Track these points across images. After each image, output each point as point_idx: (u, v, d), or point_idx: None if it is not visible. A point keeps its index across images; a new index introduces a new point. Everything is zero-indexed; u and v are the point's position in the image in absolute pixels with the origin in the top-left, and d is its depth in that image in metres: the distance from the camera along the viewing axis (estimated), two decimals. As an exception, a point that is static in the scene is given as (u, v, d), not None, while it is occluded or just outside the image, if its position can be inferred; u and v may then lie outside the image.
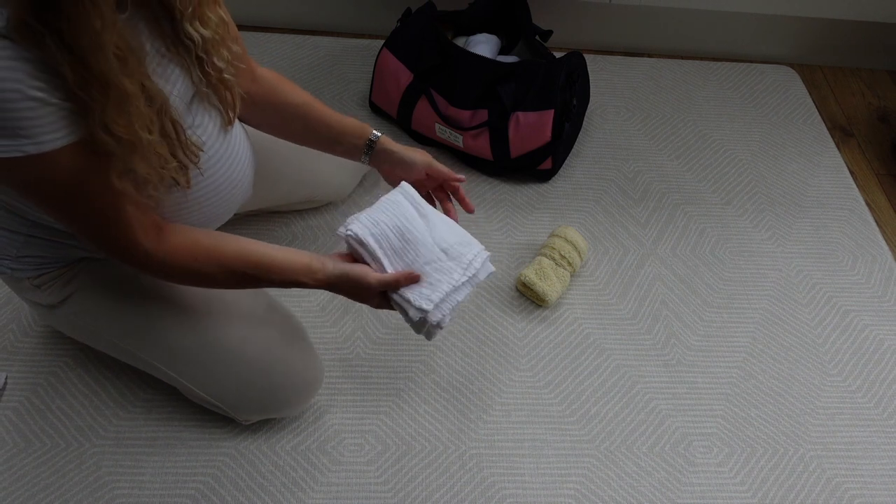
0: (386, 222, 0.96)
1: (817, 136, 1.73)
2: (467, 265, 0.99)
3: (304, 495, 1.09)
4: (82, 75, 0.66)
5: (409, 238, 0.97)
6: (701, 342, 1.33)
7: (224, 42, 0.87)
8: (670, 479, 1.16)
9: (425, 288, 0.96)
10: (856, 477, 1.19)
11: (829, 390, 1.28)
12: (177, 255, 0.87)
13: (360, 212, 0.98)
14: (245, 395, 1.06)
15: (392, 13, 1.64)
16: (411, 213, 0.98)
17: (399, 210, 0.98)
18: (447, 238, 1.00)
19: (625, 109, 1.73)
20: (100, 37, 0.65)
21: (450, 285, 0.96)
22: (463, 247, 1.00)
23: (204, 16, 0.83)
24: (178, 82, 0.83)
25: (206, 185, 0.92)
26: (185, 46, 0.83)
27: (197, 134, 0.87)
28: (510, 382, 1.24)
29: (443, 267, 0.98)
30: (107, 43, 0.66)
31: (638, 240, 1.47)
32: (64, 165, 0.72)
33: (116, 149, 0.73)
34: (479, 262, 1.00)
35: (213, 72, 0.86)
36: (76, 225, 0.82)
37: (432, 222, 1.00)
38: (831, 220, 1.55)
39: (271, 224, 1.40)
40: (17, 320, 1.23)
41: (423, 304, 0.94)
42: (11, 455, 1.10)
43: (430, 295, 0.95)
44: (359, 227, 0.95)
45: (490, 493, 1.12)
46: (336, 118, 1.08)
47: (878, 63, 1.95)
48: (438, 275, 0.97)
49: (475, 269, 0.99)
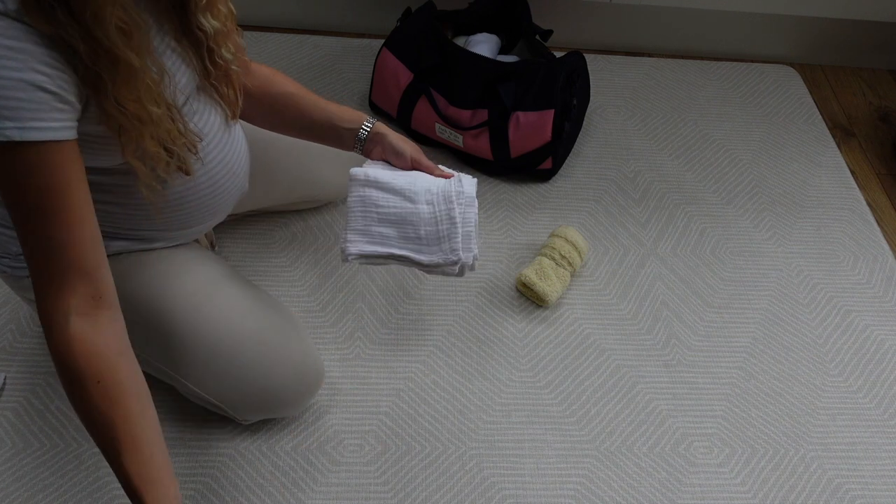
0: (367, 222, 0.98)
1: (818, 135, 1.72)
2: (455, 195, 1.01)
3: (304, 496, 1.09)
4: (93, 48, 0.67)
5: (396, 218, 0.99)
6: (701, 342, 1.32)
7: (230, 35, 0.89)
8: (671, 479, 1.16)
9: (444, 243, 0.99)
10: (857, 477, 1.18)
11: (830, 390, 1.28)
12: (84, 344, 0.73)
13: (343, 231, 1.00)
14: (245, 394, 1.06)
15: (392, 13, 1.64)
16: (378, 196, 1.01)
17: (369, 203, 1.00)
18: (420, 190, 1.02)
19: (625, 109, 1.73)
20: (101, 9, 0.66)
21: (458, 225, 1.00)
22: (437, 185, 1.03)
23: (215, 7, 0.84)
24: (182, 75, 0.84)
25: (207, 177, 0.92)
26: (195, 37, 0.84)
27: (199, 126, 0.87)
28: (510, 382, 1.24)
29: (440, 216, 1.00)
30: (108, 15, 0.67)
31: (638, 240, 1.47)
32: (42, 162, 0.69)
33: (127, 123, 0.73)
34: (460, 184, 1.03)
35: (222, 62, 0.88)
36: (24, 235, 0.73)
37: (399, 188, 1.02)
38: (832, 220, 1.55)
39: (271, 224, 1.40)
40: (17, 320, 1.23)
41: (452, 256, 0.99)
42: (11, 455, 1.10)
43: (450, 245, 0.99)
44: (353, 246, 0.98)
45: (490, 493, 1.12)
46: (332, 104, 1.09)
47: (878, 62, 1.95)
48: (443, 224, 1.00)
49: (463, 194, 1.02)
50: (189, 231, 1.02)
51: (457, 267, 1.00)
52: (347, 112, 1.08)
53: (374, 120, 1.08)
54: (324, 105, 1.08)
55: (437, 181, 1.03)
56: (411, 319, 1.30)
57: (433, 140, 1.55)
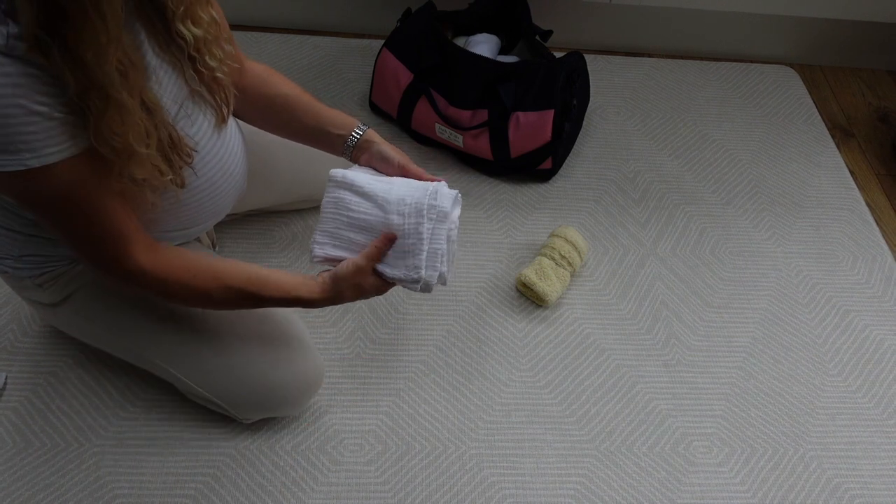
0: (337, 226, 0.97)
1: (817, 136, 1.73)
2: (427, 209, 0.95)
3: (304, 495, 1.09)
4: (84, 85, 0.68)
5: (365, 225, 0.97)
6: (701, 342, 1.33)
7: (217, 41, 0.88)
8: (670, 479, 1.16)
9: (409, 259, 0.95)
10: (856, 477, 1.19)
11: (830, 390, 1.28)
12: (173, 271, 0.87)
13: (314, 232, 0.99)
14: (245, 393, 1.06)
15: (392, 13, 1.64)
16: (351, 200, 0.97)
17: (341, 206, 0.97)
18: (394, 200, 0.97)
19: (625, 109, 1.73)
20: (104, 51, 0.67)
21: (425, 241, 0.95)
22: (412, 196, 0.97)
23: (196, 15, 0.84)
24: (171, 81, 0.84)
25: (201, 182, 0.92)
26: (177, 45, 0.84)
27: (190, 133, 0.87)
28: (510, 382, 1.24)
29: (408, 229, 0.95)
30: (110, 57, 0.68)
31: (638, 240, 1.47)
32: (65, 178, 0.73)
33: (113, 157, 0.74)
34: (436, 198, 0.96)
35: (206, 70, 0.87)
36: (75, 239, 0.83)
37: (374, 194, 0.97)
38: (831, 221, 1.55)
39: (271, 224, 1.40)
40: (18, 320, 1.23)
41: (413, 274, 0.95)
42: (11, 455, 1.10)
43: (413, 262, 0.95)
44: (319, 248, 0.97)
45: (490, 493, 1.12)
46: (324, 108, 1.07)
47: (878, 63, 1.95)
48: (410, 239, 0.95)
49: (437, 208, 0.95)
50: (188, 231, 1.02)
51: (418, 284, 0.96)
52: (339, 118, 1.06)
53: (366, 127, 1.06)
54: (317, 109, 1.07)
55: (414, 192, 0.97)
56: (411, 319, 1.30)
57: (433, 140, 1.55)
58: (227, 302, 0.93)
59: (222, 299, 0.92)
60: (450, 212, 0.97)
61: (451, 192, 0.98)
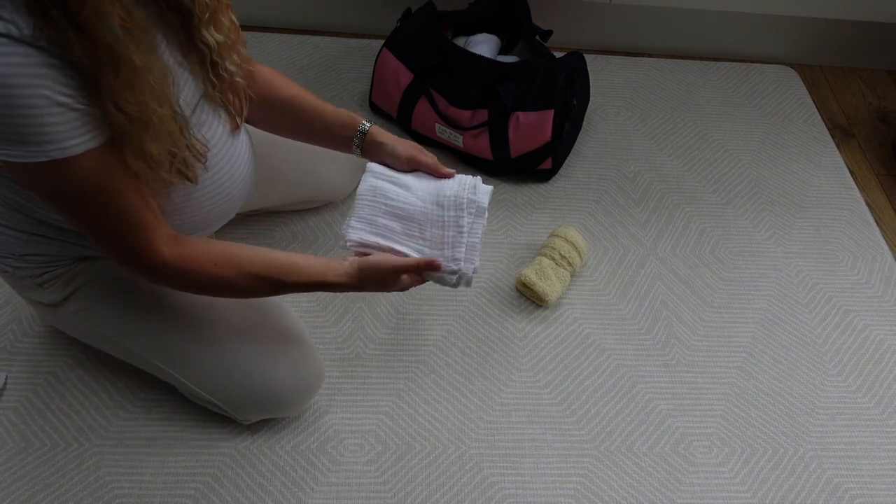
0: (375, 213, 0.97)
1: (817, 136, 1.73)
2: (466, 203, 0.98)
3: (304, 495, 1.09)
4: (88, 47, 0.67)
5: (404, 213, 0.97)
6: (701, 342, 1.33)
7: (235, 46, 0.89)
8: (670, 479, 1.16)
9: (447, 250, 0.97)
10: (856, 477, 1.19)
11: (829, 390, 1.28)
12: (196, 262, 0.87)
13: (347, 218, 0.98)
14: (245, 394, 1.06)
15: (392, 13, 1.64)
16: (391, 189, 0.99)
17: (379, 194, 0.98)
18: (433, 191, 1.00)
19: (625, 109, 1.73)
20: (101, 5, 0.65)
21: (465, 234, 0.97)
22: (451, 189, 1.00)
23: (218, 21, 0.84)
24: (186, 87, 0.84)
25: (212, 183, 0.92)
26: (199, 52, 0.84)
27: (206, 136, 0.87)
28: (510, 382, 1.24)
29: (448, 221, 0.98)
30: (108, 12, 0.66)
31: (638, 240, 1.47)
32: (88, 169, 0.73)
33: (128, 127, 0.73)
34: (474, 192, 1.00)
35: (226, 75, 0.88)
36: (97, 231, 0.83)
37: (412, 186, 1.00)
38: (831, 221, 1.55)
39: (271, 224, 1.40)
40: (18, 320, 1.23)
41: (452, 265, 0.96)
42: (11, 455, 1.10)
43: (453, 254, 0.96)
44: (355, 233, 0.96)
45: (490, 493, 1.12)
46: (328, 109, 1.07)
47: (878, 63, 1.95)
48: (449, 230, 0.97)
49: (476, 203, 0.99)
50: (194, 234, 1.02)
51: (455, 277, 0.97)
52: (343, 117, 1.07)
53: (369, 124, 1.06)
54: (321, 110, 1.07)
55: (452, 185, 1.00)
56: (411, 319, 1.30)
57: (433, 140, 1.55)
58: (251, 289, 0.92)
59: (246, 287, 0.91)
60: (486, 208, 0.99)
61: (488, 188, 1.01)
